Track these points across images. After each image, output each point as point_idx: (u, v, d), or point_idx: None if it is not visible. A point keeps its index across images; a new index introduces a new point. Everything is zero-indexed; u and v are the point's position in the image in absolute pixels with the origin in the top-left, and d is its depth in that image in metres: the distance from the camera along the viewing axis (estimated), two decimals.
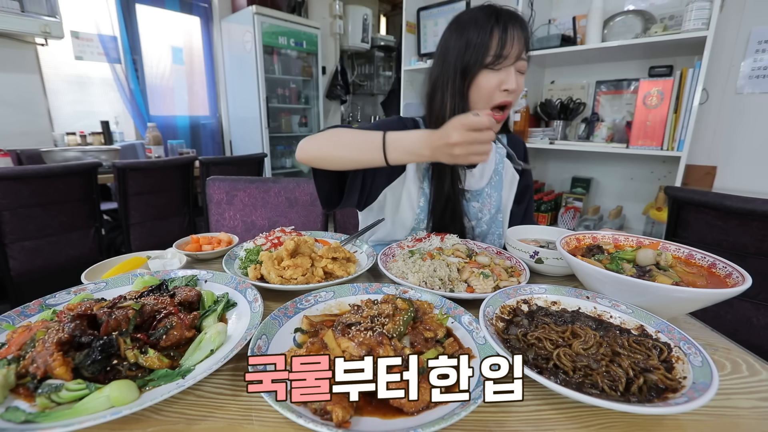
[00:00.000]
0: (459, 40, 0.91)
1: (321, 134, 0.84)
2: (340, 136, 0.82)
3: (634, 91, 2.18)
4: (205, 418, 0.44)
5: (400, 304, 0.60)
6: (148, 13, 3.26)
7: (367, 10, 4.31)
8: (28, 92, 2.69)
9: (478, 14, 0.90)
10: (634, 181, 2.36)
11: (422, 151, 0.73)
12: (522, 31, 0.88)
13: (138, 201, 2.26)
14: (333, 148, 0.81)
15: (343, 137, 0.81)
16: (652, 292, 0.58)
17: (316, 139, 0.83)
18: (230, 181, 1.56)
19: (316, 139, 0.83)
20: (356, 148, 0.78)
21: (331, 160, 0.81)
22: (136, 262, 0.86)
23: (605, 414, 0.45)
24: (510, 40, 0.87)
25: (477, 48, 0.88)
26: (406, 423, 0.42)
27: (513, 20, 0.88)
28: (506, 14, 0.89)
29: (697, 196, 1.22)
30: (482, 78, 0.90)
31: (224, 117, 3.91)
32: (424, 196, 1.04)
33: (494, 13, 0.88)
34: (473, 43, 0.88)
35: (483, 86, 0.91)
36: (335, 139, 0.81)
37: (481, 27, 0.88)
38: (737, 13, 1.94)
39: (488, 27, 0.87)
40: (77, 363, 0.47)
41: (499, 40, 0.87)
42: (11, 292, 1.83)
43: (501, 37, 0.86)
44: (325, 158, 0.82)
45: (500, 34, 0.87)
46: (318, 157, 0.82)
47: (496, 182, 1.13)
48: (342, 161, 0.81)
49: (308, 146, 0.82)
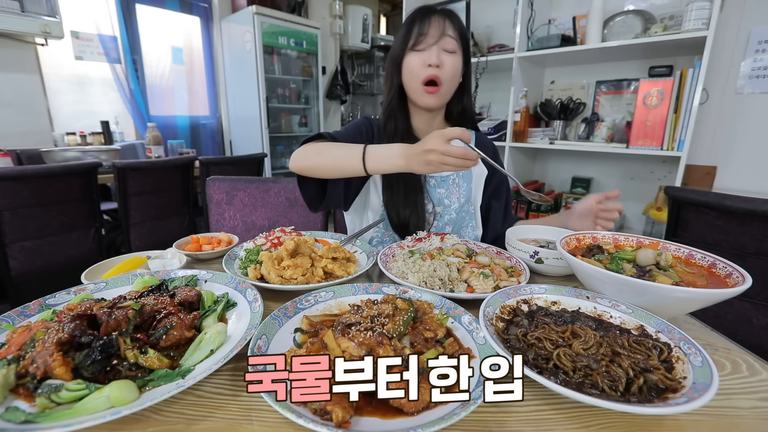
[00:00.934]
0: (395, 40, 1.06)
1: (305, 147, 0.93)
2: (326, 148, 0.91)
3: (634, 91, 2.18)
4: (205, 418, 0.44)
5: (400, 304, 0.60)
6: (148, 13, 3.27)
7: (367, 10, 4.31)
8: (28, 92, 2.69)
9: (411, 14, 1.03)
10: (634, 181, 2.36)
11: (397, 161, 0.80)
12: (443, 15, 0.99)
13: (138, 201, 2.26)
14: (320, 160, 0.90)
15: (329, 150, 0.90)
16: (652, 292, 0.58)
17: (303, 152, 0.93)
18: (230, 181, 1.56)
19: (303, 152, 0.92)
20: (340, 159, 0.87)
21: (319, 169, 0.91)
22: (136, 262, 0.86)
23: (605, 414, 0.45)
24: (429, 22, 0.98)
25: (403, 37, 1.02)
26: (406, 423, 0.42)
27: (434, 10, 1.00)
28: (428, 7, 1.02)
29: (697, 196, 1.22)
30: (408, 59, 1.01)
31: (224, 117, 3.91)
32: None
33: (420, 9, 1.02)
34: (401, 34, 1.03)
35: (409, 66, 1.01)
36: (321, 151, 0.91)
37: (409, 21, 1.02)
38: (737, 13, 1.94)
39: (410, 18, 1.01)
40: (77, 363, 0.46)
41: (420, 24, 0.99)
42: (11, 292, 1.83)
43: (420, 21, 0.99)
44: (314, 168, 0.92)
45: (420, 19, 0.99)
46: (308, 168, 0.92)
47: (465, 173, 1.15)
48: (328, 170, 0.91)
49: (298, 158, 0.93)
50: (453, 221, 1.13)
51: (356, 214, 1.19)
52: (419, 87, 1.01)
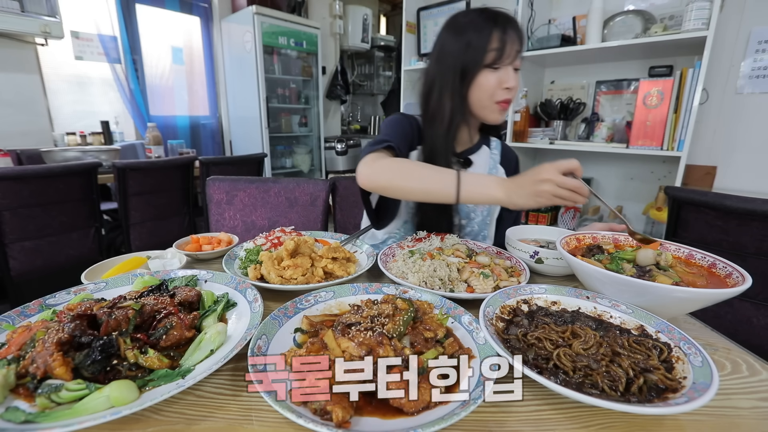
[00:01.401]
0: (457, 42, 0.93)
1: (386, 164, 0.84)
2: (411, 169, 0.83)
3: (634, 91, 2.18)
4: (205, 418, 0.44)
5: (400, 304, 0.60)
6: (148, 13, 3.26)
7: (367, 10, 4.31)
8: (28, 92, 2.69)
9: (476, 17, 0.93)
10: (634, 181, 2.36)
11: (495, 193, 0.75)
12: (517, 32, 0.93)
13: (138, 201, 2.26)
14: (405, 182, 0.82)
15: (415, 171, 0.82)
16: (652, 292, 0.58)
17: (383, 170, 0.84)
18: (230, 181, 1.56)
19: (384, 170, 0.83)
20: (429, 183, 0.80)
21: (401, 192, 0.84)
22: (136, 262, 0.86)
23: (605, 414, 0.45)
24: (509, 41, 0.90)
25: (477, 49, 0.91)
26: (406, 423, 0.42)
27: (510, 22, 0.92)
28: (503, 17, 0.92)
29: (697, 196, 1.22)
30: (482, 78, 0.93)
31: (224, 117, 3.90)
32: None
33: (492, 17, 0.92)
34: (473, 44, 0.91)
35: (484, 85, 0.93)
36: (406, 172, 0.83)
37: (481, 29, 0.91)
38: (737, 13, 1.94)
39: (488, 29, 0.90)
40: (77, 363, 0.46)
41: (499, 41, 0.90)
42: (11, 292, 1.83)
43: (500, 38, 0.90)
44: (395, 190, 0.84)
45: (500, 35, 0.90)
46: (387, 188, 0.84)
47: None
48: (411, 194, 0.84)
49: (376, 176, 0.84)
50: (473, 233, 1.13)
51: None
52: (491, 104, 0.95)
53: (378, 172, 0.84)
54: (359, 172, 0.85)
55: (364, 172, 0.84)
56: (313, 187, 1.55)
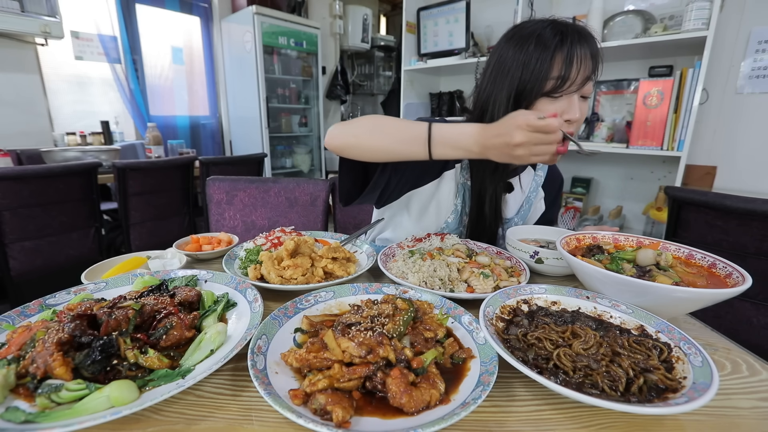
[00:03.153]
0: (517, 57, 0.80)
1: (358, 120, 0.76)
2: (380, 123, 0.74)
3: (634, 91, 2.18)
4: (205, 418, 0.44)
5: (400, 304, 0.60)
6: (148, 13, 3.26)
7: (367, 10, 4.31)
8: (28, 92, 2.69)
9: (542, 30, 0.79)
10: (634, 181, 2.36)
11: (472, 147, 0.68)
12: (590, 53, 0.78)
13: (138, 201, 2.27)
14: (370, 137, 0.73)
15: (384, 125, 0.74)
16: (652, 292, 0.58)
17: (352, 125, 0.75)
18: (230, 181, 1.56)
19: (352, 126, 0.75)
20: (397, 137, 0.71)
21: (367, 149, 0.74)
22: (136, 262, 0.86)
23: (605, 414, 0.45)
24: (576, 65, 0.76)
25: (536, 72, 0.78)
26: (406, 423, 0.42)
27: (581, 40, 0.77)
28: (573, 33, 0.77)
29: (697, 196, 1.22)
30: (539, 107, 0.80)
31: (224, 117, 3.91)
32: (455, 213, 1.01)
33: (559, 32, 0.77)
34: (532, 66, 0.78)
35: None
36: (374, 126, 0.74)
37: (543, 47, 0.77)
38: (737, 13, 1.94)
39: (551, 48, 0.76)
40: (77, 363, 0.46)
41: (563, 65, 0.76)
42: (11, 292, 1.83)
43: (565, 60, 0.76)
44: (360, 147, 0.74)
45: (564, 57, 0.76)
46: (352, 145, 0.75)
47: (524, 211, 1.10)
48: (378, 151, 0.74)
49: (342, 132, 0.75)
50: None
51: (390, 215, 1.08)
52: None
53: (345, 128, 0.75)
54: (328, 132, 0.77)
55: (331, 131, 0.76)
56: (313, 187, 1.55)
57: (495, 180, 0.95)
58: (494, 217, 0.99)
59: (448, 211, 1.02)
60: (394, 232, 1.11)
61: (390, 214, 1.11)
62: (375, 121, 0.76)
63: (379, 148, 0.73)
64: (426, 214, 1.03)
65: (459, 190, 1.01)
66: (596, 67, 0.81)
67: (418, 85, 3.13)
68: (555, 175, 1.16)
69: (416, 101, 3.15)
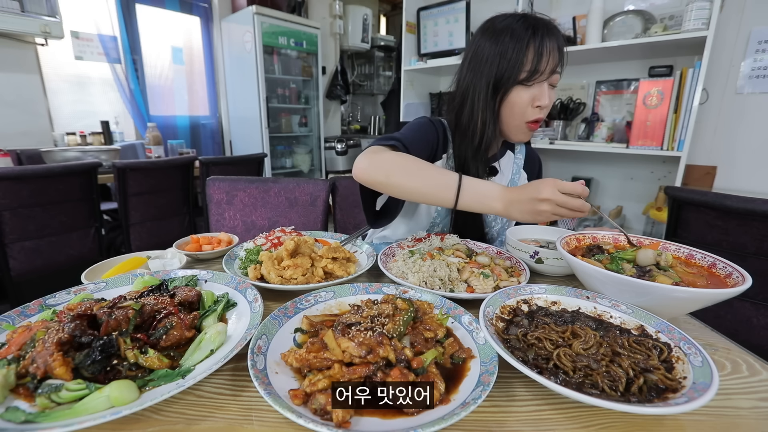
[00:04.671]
0: (493, 50, 0.86)
1: (387, 158, 0.79)
2: (411, 166, 0.78)
3: (634, 91, 2.18)
4: (205, 418, 0.44)
5: (400, 304, 0.60)
6: (148, 13, 3.26)
7: (367, 10, 4.31)
8: (28, 92, 2.69)
9: (515, 24, 0.85)
10: (634, 181, 2.36)
11: (494, 204, 0.73)
12: (557, 45, 0.85)
13: (138, 201, 2.26)
14: (403, 179, 0.77)
15: (415, 169, 0.77)
16: (652, 292, 0.58)
17: (383, 161, 0.78)
18: (230, 181, 1.56)
19: (383, 164, 0.78)
20: (428, 183, 0.75)
21: (397, 189, 0.78)
22: (136, 262, 0.86)
23: (605, 414, 0.45)
24: (546, 55, 0.83)
25: (511, 62, 0.84)
26: (406, 423, 0.42)
27: (549, 33, 0.84)
28: (543, 26, 0.84)
29: (697, 196, 1.22)
30: (515, 94, 0.88)
31: (224, 117, 3.91)
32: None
33: (531, 26, 0.84)
34: (508, 56, 0.84)
35: (515, 103, 0.88)
36: (406, 168, 0.77)
37: (517, 39, 0.83)
38: (737, 13, 1.94)
39: (524, 40, 0.83)
40: (77, 363, 0.46)
41: (535, 55, 0.83)
42: (11, 292, 1.83)
43: (537, 52, 0.83)
44: (390, 186, 0.78)
45: (536, 48, 0.83)
46: (383, 184, 0.79)
47: None
48: (407, 193, 0.78)
49: (374, 170, 0.78)
50: (492, 239, 1.14)
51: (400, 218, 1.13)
52: (521, 124, 0.91)
53: (376, 165, 0.78)
54: (357, 164, 0.80)
55: (361, 165, 0.79)
56: (313, 187, 1.55)
57: (476, 160, 0.97)
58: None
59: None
60: (392, 231, 1.15)
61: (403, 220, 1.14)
62: (406, 162, 0.78)
63: (409, 191, 0.78)
64: (417, 211, 1.08)
65: None
66: (562, 57, 0.88)
67: (418, 85, 3.13)
68: (533, 156, 1.18)
69: (416, 101, 3.15)
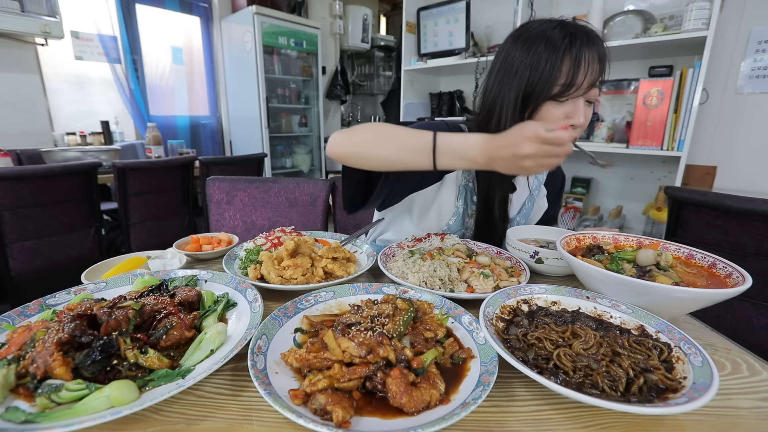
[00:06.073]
0: (525, 58, 0.79)
1: (359, 128, 0.74)
2: (382, 132, 0.72)
3: (634, 91, 2.18)
4: (205, 418, 0.44)
5: (400, 304, 0.60)
6: (148, 13, 3.26)
7: (367, 10, 4.31)
8: (28, 92, 2.69)
9: (551, 31, 0.78)
10: (634, 181, 2.36)
11: (477, 158, 0.66)
12: (598, 57, 0.77)
13: (138, 201, 2.26)
14: (374, 146, 0.71)
15: (387, 134, 0.71)
16: (652, 292, 0.58)
17: (354, 133, 0.73)
18: (230, 181, 1.56)
19: (354, 134, 0.72)
20: (401, 147, 0.69)
21: (369, 159, 0.72)
22: (136, 262, 0.86)
23: (605, 414, 0.45)
24: (583, 69, 0.75)
25: (544, 75, 0.77)
26: (406, 423, 0.42)
27: (590, 42, 0.76)
28: (582, 35, 0.76)
29: (697, 196, 1.22)
30: (546, 110, 0.80)
31: (224, 117, 3.91)
32: (457, 216, 1.01)
33: (569, 33, 0.76)
34: (540, 67, 0.77)
35: (545, 120, 0.80)
36: (377, 135, 0.71)
37: (552, 49, 0.76)
38: (737, 13, 1.94)
39: (560, 50, 0.75)
40: (77, 363, 0.46)
41: (570, 68, 0.75)
42: (11, 292, 1.83)
43: (574, 62, 0.75)
44: (363, 156, 0.72)
45: (573, 59, 0.75)
46: (355, 155, 0.72)
47: (527, 210, 1.10)
48: (381, 161, 0.71)
49: (344, 141, 0.72)
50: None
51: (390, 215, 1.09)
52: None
53: (346, 136, 0.73)
54: (330, 140, 0.74)
55: (333, 139, 0.74)
56: (313, 187, 1.55)
57: (503, 182, 0.94)
58: (502, 218, 0.99)
59: (450, 214, 1.02)
60: (396, 233, 1.12)
61: (391, 215, 1.11)
62: (377, 129, 0.73)
63: (381, 159, 0.71)
64: (427, 216, 1.04)
65: (460, 192, 1.00)
66: (603, 70, 0.79)
67: (418, 85, 3.13)
68: (556, 173, 1.16)
69: (416, 101, 3.15)
